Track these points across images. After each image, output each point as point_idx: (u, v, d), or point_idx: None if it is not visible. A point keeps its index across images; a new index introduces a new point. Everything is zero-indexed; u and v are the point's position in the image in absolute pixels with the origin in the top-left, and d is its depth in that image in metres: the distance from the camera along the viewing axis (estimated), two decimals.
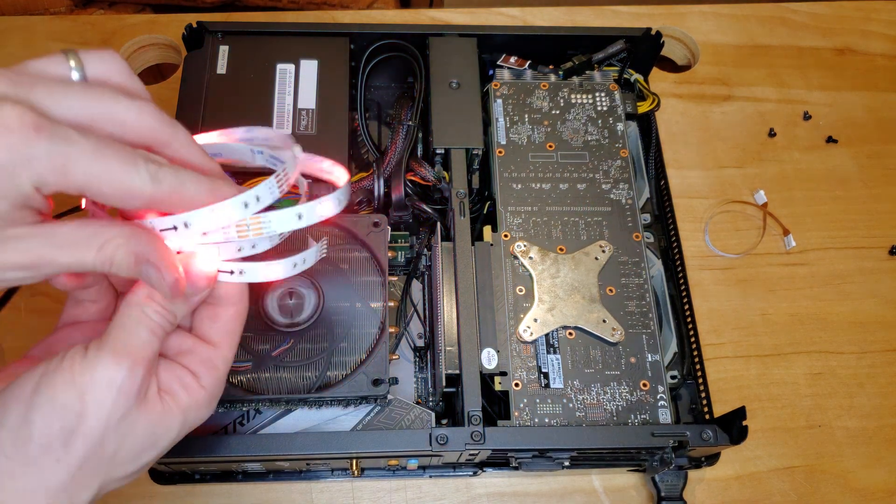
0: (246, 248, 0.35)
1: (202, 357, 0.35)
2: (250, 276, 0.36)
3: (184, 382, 0.34)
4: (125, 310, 0.32)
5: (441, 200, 0.54)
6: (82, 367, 0.31)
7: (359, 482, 0.50)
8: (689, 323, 0.52)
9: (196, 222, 0.33)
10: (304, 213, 0.35)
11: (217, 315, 0.36)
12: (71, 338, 0.36)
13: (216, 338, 0.36)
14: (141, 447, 0.33)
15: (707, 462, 0.51)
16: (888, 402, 0.55)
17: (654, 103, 0.59)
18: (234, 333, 0.36)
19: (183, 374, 0.34)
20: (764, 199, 0.61)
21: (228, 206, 0.33)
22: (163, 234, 0.33)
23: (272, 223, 0.34)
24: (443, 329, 0.47)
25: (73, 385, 0.30)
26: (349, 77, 0.55)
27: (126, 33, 0.66)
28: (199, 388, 0.34)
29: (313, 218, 0.35)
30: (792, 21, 0.72)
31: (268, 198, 0.34)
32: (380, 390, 0.44)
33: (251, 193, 0.34)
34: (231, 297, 0.36)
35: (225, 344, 0.36)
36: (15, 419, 0.30)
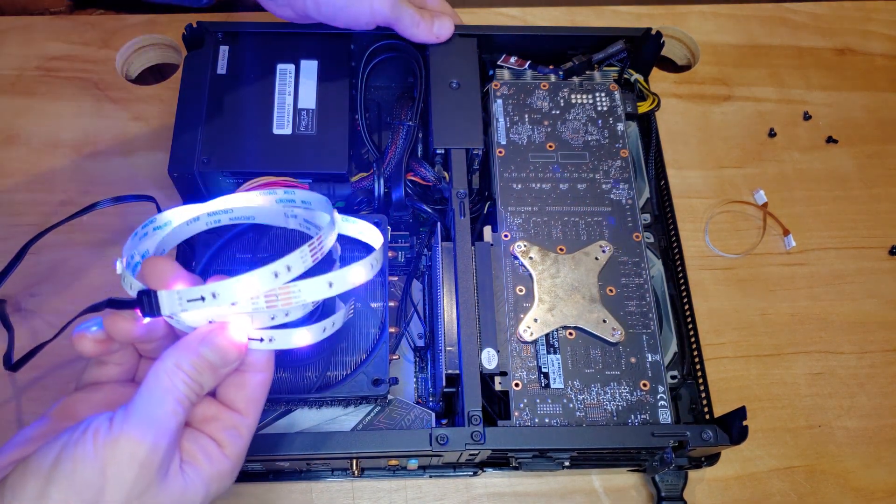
0: (279, 316, 0.35)
1: (227, 424, 0.34)
2: (280, 344, 0.35)
3: (207, 452, 0.33)
4: (153, 378, 0.32)
5: (441, 200, 0.54)
6: (106, 440, 0.30)
7: (359, 482, 0.50)
8: (689, 323, 0.52)
9: (223, 293, 0.32)
10: (334, 281, 0.34)
11: (244, 382, 0.35)
12: (91, 400, 0.35)
13: (242, 405, 0.35)
14: None
15: (707, 462, 0.51)
16: (888, 402, 0.55)
17: (654, 103, 0.59)
18: (260, 401, 0.36)
19: (207, 442, 0.33)
20: (764, 199, 0.61)
21: (256, 277, 0.32)
22: (190, 304, 0.32)
23: (301, 293, 0.33)
24: (443, 329, 0.47)
25: (95, 459, 0.29)
26: (349, 77, 0.55)
27: (126, 33, 0.66)
28: (223, 458, 0.33)
29: (344, 286, 0.35)
30: (792, 21, 0.72)
31: (299, 267, 0.34)
32: (380, 390, 0.44)
33: (282, 263, 0.33)
34: (259, 365, 0.35)
35: (251, 412, 0.35)
36: (32, 493, 0.29)
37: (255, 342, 0.34)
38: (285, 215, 0.41)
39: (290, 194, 0.41)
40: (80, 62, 0.65)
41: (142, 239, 0.38)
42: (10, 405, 0.51)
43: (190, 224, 0.40)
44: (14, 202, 0.58)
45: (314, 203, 0.41)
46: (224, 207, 0.41)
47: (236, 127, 0.52)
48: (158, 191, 0.58)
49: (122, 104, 0.63)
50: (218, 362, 0.33)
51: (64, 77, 0.64)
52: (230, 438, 0.34)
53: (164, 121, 0.62)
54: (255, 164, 0.51)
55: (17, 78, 0.64)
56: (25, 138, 0.61)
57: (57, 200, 0.58)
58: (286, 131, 0.52)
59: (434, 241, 0.50)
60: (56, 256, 0.56)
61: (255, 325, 0.34)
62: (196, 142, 0.51)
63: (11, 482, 0.29)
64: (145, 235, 0.38)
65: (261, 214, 0.41)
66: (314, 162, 0.51)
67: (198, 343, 0.33)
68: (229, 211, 0.41)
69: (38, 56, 0.65)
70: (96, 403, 0.35)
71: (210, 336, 0.33)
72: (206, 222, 0.41)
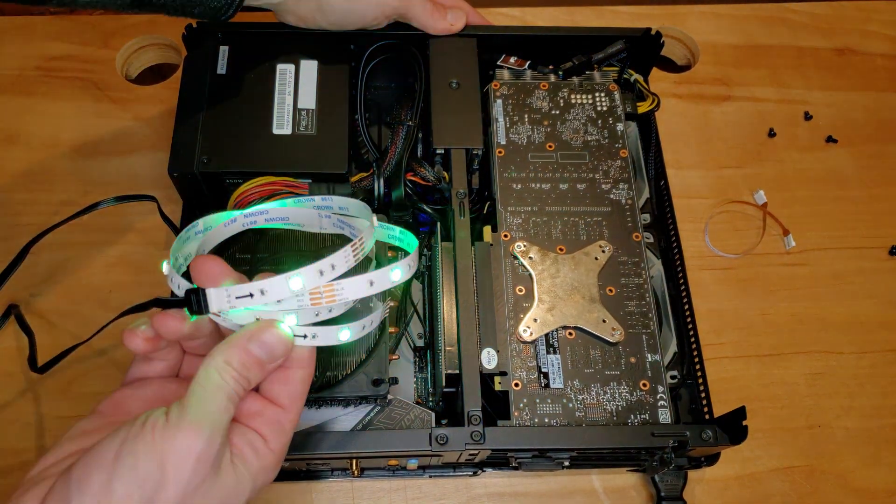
0: (323, 313, 0.36)
1: (271, 419, 0.35)
2: (322, 340, 0.36)
3: (254, 446, 0.34)
4: (204, 375, 0.32)
5: (441, 200, 0.54)
6: (163, 434, 0.30)
7: (359, 482, 0.50)
8: (689, 323, 0.52)
9: (271, 290, 0.33)
10: (375, 280, 0.35)
11: (287, 378, 0.35)
12: (140, 395, 0.36)
13: (285, 401, 0.35)
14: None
15: (707, 462, 0.51)
16: (888, 402, 0.55)
17: (654, 103, 0.59)
18: (302, 396, 0.36)
19: (253, 437, 0.34)
20: (764, 199, 0.61)
21: (304, 275, 0.33)
22: (238, 301, 0.33)
23: (344, 290, 0.35)
24: (443, 329, 0.47)
25: (154, 452, 0.30)
26: (349, 77, 0.55)
27: (126, 33, 0.66)
28: (268, 452, 0.34)
29: (385, 284, 0.36)
30: (792, 21, 0.72)
31: (342, 266, 0.35)
32: (380, 390, 0.44)
33: (327, 261, 0.34)
34: (302, 361, 0.36)
35: (293, 407, 0.36)
36: (97, 486, 0.29)
37: (299, 339, 0.35)
38: (319, 216, 0.43)
39: (327, 201, 0.43)
40: (80, 62, 0.65)
41: (185, 242, 0.40)
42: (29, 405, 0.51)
43: (228, 225, 0.41)
44: (14, 202, 0.58)
45: (352, 209, 0.43)
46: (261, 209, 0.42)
47: (236, 127, 0.52)
48: (158, 191, 0.58)
49: (122, 104, 0.63)
50: (265, 358, 0.34)
51: (64, 77, 0.64)
52: (274, 433, 0.34)
53: (164, 121, 0.62)
54: (255, 164, 0.51)
55: (17, 78, 0.64)
56: (25, 138, 0.61)
57: (57, 200, 0.58)
58: (286, 131, 0.52)
59: (434, 241, 0.50)
60: (56, 256, 0.56)
61: (300, 322, 0.35)
62: (196, 142, 0.51)
63: (77, 476, 0.30)
64: (188, 239, 0.40)
65: (294, 216, 0.43)
66: (314, 162, 0.51)
67: (246, 340, 0.33)
68: (265, 212, 0.42)
69: (38, 56, 0.65)
70: (145, 399, 0.36)
71: (258, 333, 0.34)
72: (242, 223, 0.42)
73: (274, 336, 0.34)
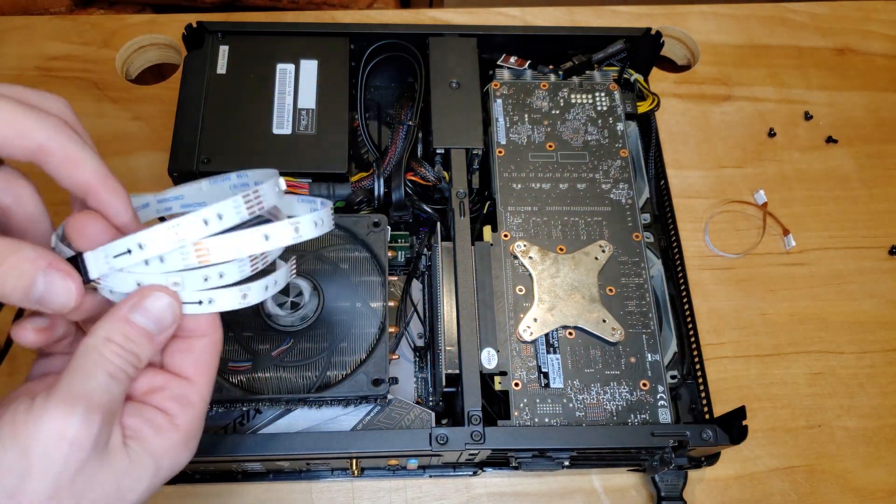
0: (213, 276, 0.32)
1: (175, 393, 0.32)
2: (221, 305, 0.32)
3: (155, 424, 0.31)
4: (80, 353, 0.29)
5: (441, 200, 0.54)
6: (27, 419, 0.27)
7: (359, 482, 0.50)
8: (689, 323, 0.52)
9: (150, 242, 0.30)
10: (271, 233, 0.32)
11: (190, 347, 0.33)
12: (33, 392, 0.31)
13: (190, 372, 0.32)
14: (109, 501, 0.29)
15: (707, 462, 0.51)
16: (888, 402, 0.55)
17: (654, 103, 0.59)
18: (210, 366, 0.33)
19: (153, 414, 0.31)
20: (764, 199, 0.61)
21: (184, 223, 0.30)
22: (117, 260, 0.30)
23: (235, 243, 0.31)
24: (443, 329, 0.47)
25: (14, 440, 0.27)
26: (349, 77, 0.55)
27: (126, 33, 0.66)
28: (172, 428, 0.31)
29: (284, 239, 0.32)
30: (792, 21, 0.72)
31: (233, 217, 0.31)
32: (380, 390, 0.44)
33: (212, 210, 0.30)
34: (202, 328, 0.33)
35: (201, 378, 0.33)
36: None
37: (192, 305, 0.32)
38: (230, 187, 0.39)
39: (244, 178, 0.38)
40: (80, 62, 0.65)
41: None
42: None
43: (140, 210, 0.37)
44: None
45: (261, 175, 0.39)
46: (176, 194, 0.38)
47: (236, 127, 0.52)
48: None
49: (122, 104, 0.63)
50: (152, 328, 0.30)
51: (64, 77, 0.64)
52: (180, 407, 0.31)
53: (164, 121, 0.62)
54: (255, 164, 0.50)
55: (17, 78, 0.64)
56: None
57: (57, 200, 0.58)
58: (286, 131, 0.52)
59: (434, 241, 0.50)
60: None
61: (188, 289, 0.32)
62: (196, 142, 0.51)
63: None
64: None
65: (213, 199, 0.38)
66: (314, 162, 0.51)
67: (128, 310, 0.30)
68: (180, 197, 0.38)
69: (38, 56, 0.65)
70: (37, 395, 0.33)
71: (140, 300, 0.30)
72: (156, 209, 0.38)
73: (158, 301, 0.30)
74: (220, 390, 0.43)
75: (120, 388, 0.29)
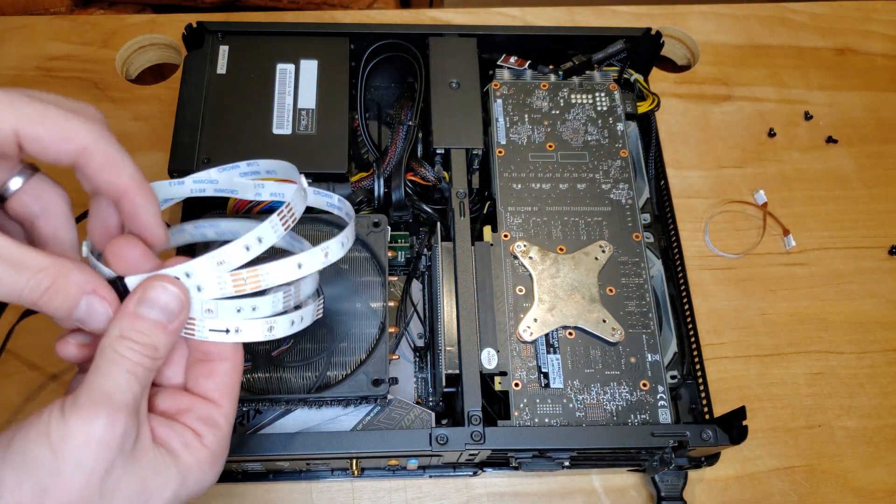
0: (246, 308, 0.33)
1: (202, 415, 0.33)
2: (247, 336, 0.33)
3: (184, 439, 0.31)
4: (99, 354, 0.30)
5: (441, 200, 0.54)
6: (58, 421, 0.28)
7: (359, 482, 0.50)
8: (689, 323, 0.52)
9: (196, 271, 0.31)
10: (304, 262, 0.32)
11: (213, 371, 0.33)
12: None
13: (215, 395, 0.33)
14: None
15: (707, 462, 0.51)
16: (888, 402, 0.55)
17: (654, 103, 0.59)
18: (233, 388, 0.34)
19: (182, 430, 0.32)
20: (764, 199, 0.61)
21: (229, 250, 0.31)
22: None
23: (270, 275, 0.32)
24: (443, 329, 0.47)
25: (47, 440, 0.27)
26: (349, 77, 0.55)
27: (126, 33, 0.66)
28: (201, 447, 0.32)
29: (314, 265, 0.33)
30: (792, 21, 0.72)
31: (271, 237, 0.32)
32: (380, 390, 0.44)
33: (252, 235, 0.31)
34: (224, 352, 0.34)
35: (225, 401, 0.33)
36: None
37: (219, 333, 0.32)
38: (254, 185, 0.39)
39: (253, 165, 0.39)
40: (80, 62, 0.65)
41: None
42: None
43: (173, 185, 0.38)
44: None
45: (279, 171, 0.39)
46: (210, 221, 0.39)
47: (236, 127, 0.52)
48: None
49: (122, 104, 0.63)
50: (163, 318, 0.31)
51: (64, 77, 0.64)
52: (207, 428, 0.32)
53: (164, 121, 0.62)
54: None
55: (17, 78, 0.64)
56: None
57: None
58: (286, 131, 0.52)
59: (434, 241, 0.50)
60: None
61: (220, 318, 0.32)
62: (196, 142, 0.51)
63: None
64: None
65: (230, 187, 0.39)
66: (314, 162, 0.51)
67: (134, 305, 0.31)
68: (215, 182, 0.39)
69: (38, 56, 0.65)
70: None
71: (143, 292, 0.31)
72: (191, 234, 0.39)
73: (161, 291, 0.31)
74: None
75: (140, 384, 0.30)
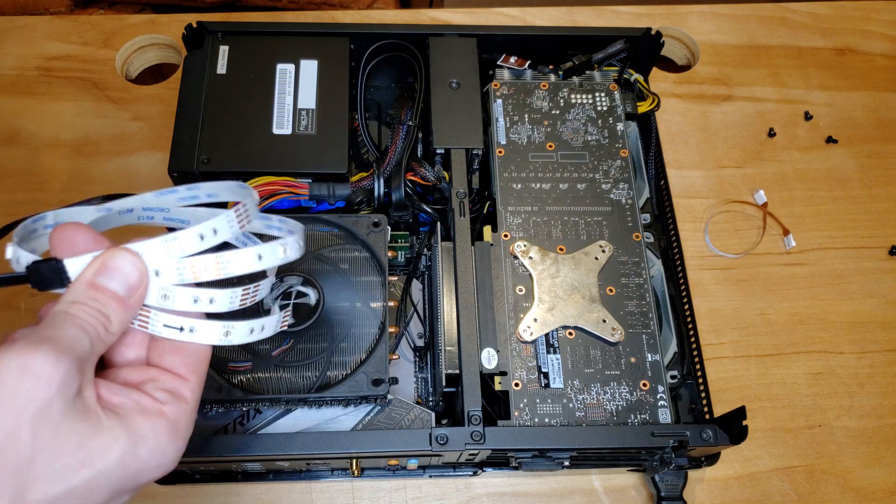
0: (203, 299, 0.32)
1: (167, 386, 0.31)
2: (201, 337, 0.32)
3: (141, 405, 0.29)
4: (50, 313, 0.29)
5: (441, 200, 0.54)
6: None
7: (359, 482, 0.50)
8: (689, 323, 0.52)
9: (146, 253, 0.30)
10: (264, 253, 0.32)
11: (180, 348, 0.32)
12: None
13: (182, 370, 0.32)
14: (67, 462, 0.27)
15: (707, 462, 0.51)
16: (888, 402, 0.55)
17: (654, 103, 0.59)
18: (201, 365, 0.33)
19: (140, 397, 0.30)
20: (764, 199, 0.61)
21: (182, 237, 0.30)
22: None
23: (230, 263, 0.31)
24: (443, 329, 0.47)
25: None
26: (349, 77, 0.55)
27: (126, 33, 0.66)
28: (158, 413, 0.30)
29: (274, 260, 0.33)
30: (792, 21, 0.72)
31: (226, 232, 0.31)
32: (380, 390, 0.44)
33: (208, 225, 0.31)
34: None
35: (192, 376, 0.32)
36: None
37: (172, 330, 0.32)
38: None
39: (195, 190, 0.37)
40: (80, 62, 0.65)
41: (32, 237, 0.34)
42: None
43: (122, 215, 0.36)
44: (14, 202, 0.58)
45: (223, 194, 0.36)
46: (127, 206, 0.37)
47: (236, 127, 0.52)
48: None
49: (122, 104, 0.63)
50: (121, 289, 0.30)
51: (64, 77, 0.64)
52: (171, 399, 0.31)
53: (164, 121, 0.62)
54: (255, 164, 0.51)
55: (17, 78, 0.64)
56: (25, 138, 0.61)
57: (57, 201, 0.58)
58: (286, 131, 0.52)
59: (434, 241, 0.50)
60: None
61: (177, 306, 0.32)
62: (196, 142, 0.51)
63: None
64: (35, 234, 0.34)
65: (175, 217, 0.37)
66: (314, 162, 0.51)
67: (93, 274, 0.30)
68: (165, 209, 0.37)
69: (38, 56, 0.65)
70: None
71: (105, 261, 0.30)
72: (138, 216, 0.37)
73: (122, 259, 0.30)
74: (219, 390, 0.43)
75: (89, 343, 0.28)
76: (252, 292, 0.34)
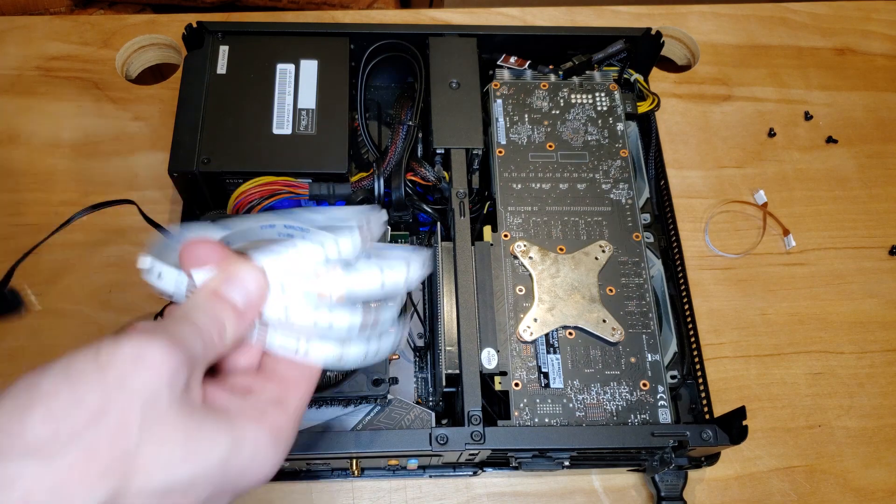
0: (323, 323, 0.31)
1: (274, 394, 0.31)
2: (314, 359, 0.32)
3: (246, 410, 0.29)
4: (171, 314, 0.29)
5: (441, 200, 0.54)
6: (110, 344, 0.26)
7: (359, 482, 0.50)
8: (689, 323, 0.52)
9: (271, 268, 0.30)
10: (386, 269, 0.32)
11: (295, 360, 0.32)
12: None
13: (292, 380, 0.32)
14: (172, 454, 0.26)
15: (707, 462, 0.51)
16: (888, 402, 0.55)
17: (654, 103, 0.59)
18: (311, 381, 0.32)
19: (246, 402, 0.30)
20: (764, 199, 0.61)
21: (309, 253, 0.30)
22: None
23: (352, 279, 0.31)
24: (443, 329, 0.47)
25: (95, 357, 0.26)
26: (349, 77, 0.55)
27: (126, 33, 0.66)
28: (263, 421, 0.30)
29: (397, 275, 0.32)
30: (792, 21, 0.72)
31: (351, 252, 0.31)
32: (380, 390, 0.44)
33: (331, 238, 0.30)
34: None
35: (301, 388, 0.32)
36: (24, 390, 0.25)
37: (289, 350, 0.32)
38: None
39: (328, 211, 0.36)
40: (80, 62, 0.65)
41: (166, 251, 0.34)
42: None
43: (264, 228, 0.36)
44: (14, 202, 0.58)
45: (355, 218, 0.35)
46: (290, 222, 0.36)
47: (236, 127, 0.52)
48: (158, 191, 0.58)
49: (122, 104, 0.63)
50: (241, 302, 0.30)
51: (64, 77, 0.64)
52: (273, 408, 0.31)
53: (164, 121, 0.62)
54: (255, 164, 0.51)
55: (17, 78, 0.64)
56: (25, 138, 0.61)
57: (57, 200, 0.58)
58: (286, 131, 0.52)
59: (434, 241, 0.50)
60: (57, 257, 0.56)
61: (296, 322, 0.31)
62: (196, 142, 0.51)
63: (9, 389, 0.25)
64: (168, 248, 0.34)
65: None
66: (314, 162, 0.51)
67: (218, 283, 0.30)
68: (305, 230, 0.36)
69: (38, 56, 0.65)
70: None
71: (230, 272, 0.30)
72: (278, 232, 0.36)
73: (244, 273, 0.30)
74: None
75: (202, 346, 0.28)
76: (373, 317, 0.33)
